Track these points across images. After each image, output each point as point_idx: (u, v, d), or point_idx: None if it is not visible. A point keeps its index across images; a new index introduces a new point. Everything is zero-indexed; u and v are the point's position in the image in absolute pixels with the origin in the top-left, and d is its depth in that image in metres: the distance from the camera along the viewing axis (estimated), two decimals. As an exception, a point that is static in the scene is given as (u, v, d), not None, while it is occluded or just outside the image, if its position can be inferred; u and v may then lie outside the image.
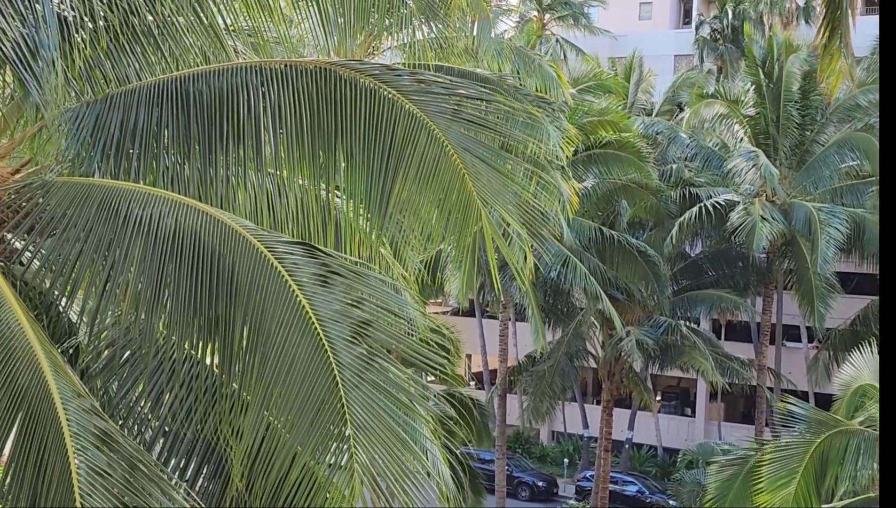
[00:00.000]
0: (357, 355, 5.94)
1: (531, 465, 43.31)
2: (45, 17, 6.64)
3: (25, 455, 5.54)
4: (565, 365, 30.61)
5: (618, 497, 37.89)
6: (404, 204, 7.43)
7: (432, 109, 7.26)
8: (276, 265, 6.22)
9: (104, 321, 6.72)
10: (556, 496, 41.32)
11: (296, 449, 5.96)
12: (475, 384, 48.17)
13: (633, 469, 42.63)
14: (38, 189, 7.02)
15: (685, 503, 30.90)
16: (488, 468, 33.74)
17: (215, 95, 7.41)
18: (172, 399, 6.69)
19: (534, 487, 41.07)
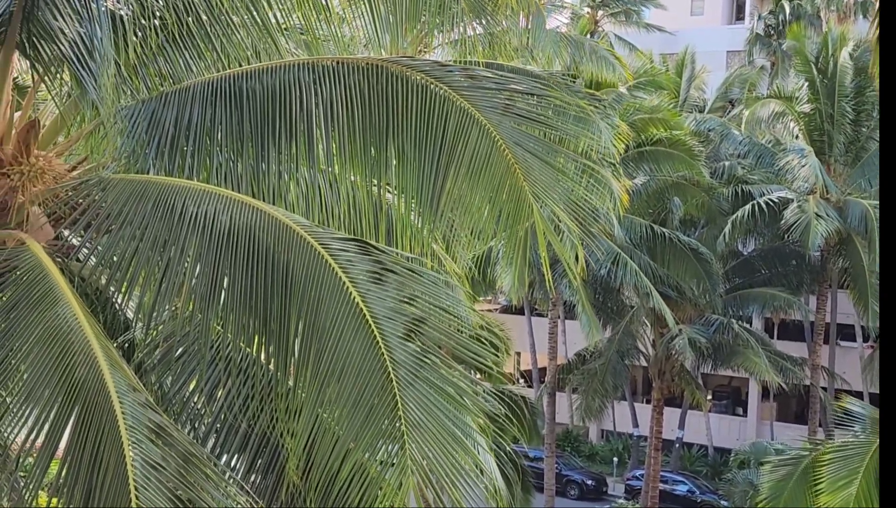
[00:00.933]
0: (410, 352, 5.94)
1: (580, 463, 43.14)
2: (99, 15, 6.72)
3: (81, 447, 5.61)
4: (616, 363, 30.45)
5: (668, 497, 37.60)
6: (456, 200, 7.42)
7: (484, 105, 7.24)
8: (331, 262, 6.23)
9: (160, 317, 6.78)
10: (606, 494, 41.11)
11: (349, 445, 5.97)
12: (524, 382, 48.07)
13: (683, 469, 42.28)
14: (94, 186, 7.10)
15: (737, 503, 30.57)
16: (537, 466, 33.64)
17: (268, 92, 7.45)
18: (226, 395, 6.74)
19: (583, 485, 40.89)
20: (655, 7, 47.47)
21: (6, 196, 7.19)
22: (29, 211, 7.25)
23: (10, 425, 5.95)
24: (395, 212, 7.95)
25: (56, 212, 7.34)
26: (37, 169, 7.27)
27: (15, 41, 7.11)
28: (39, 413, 5.85)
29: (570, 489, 40.71)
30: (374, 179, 7.57)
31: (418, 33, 9.70)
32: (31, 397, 5.90)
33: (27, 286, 6.37)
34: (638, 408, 44.08)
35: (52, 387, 5.86)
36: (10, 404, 6.02)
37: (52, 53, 7.16)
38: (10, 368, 6.08)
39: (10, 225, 7.22)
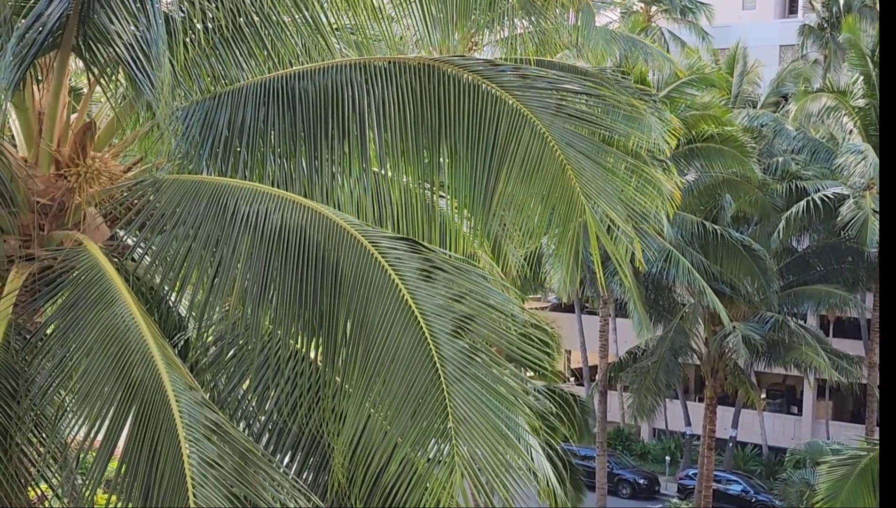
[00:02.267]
0: (459, 348, 5.94)
1: (632, 462, 42.87)
2: (154, 17, 6.80)
3: (139, 446, 5.68)
4: (669, 361, 30.19)
5: (721, 497, 37.23)
6: (508, 200, 7.41)
7: (536, 105, 7.23)
8: (381, 260, 6.26)
9: (212, 317, 6.85)
10: (658, 494, 40.82)
11: (396, 441, 5.99)
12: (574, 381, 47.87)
13: (736, 468, 41.84)
14: (149, 187, 7.19)
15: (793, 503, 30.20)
16: (589, 465, 33.49)
17: (320, 92, 7.49)
18: (278, 393, 6.79)
19: (635, 484, 40.64)
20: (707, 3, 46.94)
21: (63, 197, 7.31)
22: (85, 212, 7.37)
23: (70, 423, 6.05)
24: (446, 212, 7.97)
25: (111, 212, 7.45)
26: (93, 170, 7.37)
27: (71, 44, 7.21)
28: (98, 412, 5.94)
29: (622, 488, 40.48)
30: (426, 179, 7.59)
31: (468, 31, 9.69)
32: (90, 396, 5.99)
33: (85, 286, 6.47)
34: (690, 406, 43.69)
35: (111, 386, 5.95)
36: (69, 403, 6.12)
37: (107, 56, 7.26)
38: (69, 367, 6.18)
39: (67, 226, 7.34)
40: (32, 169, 7.40)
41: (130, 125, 8.27)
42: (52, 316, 6.61)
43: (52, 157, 7.46)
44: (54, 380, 6.23)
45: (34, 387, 6.34)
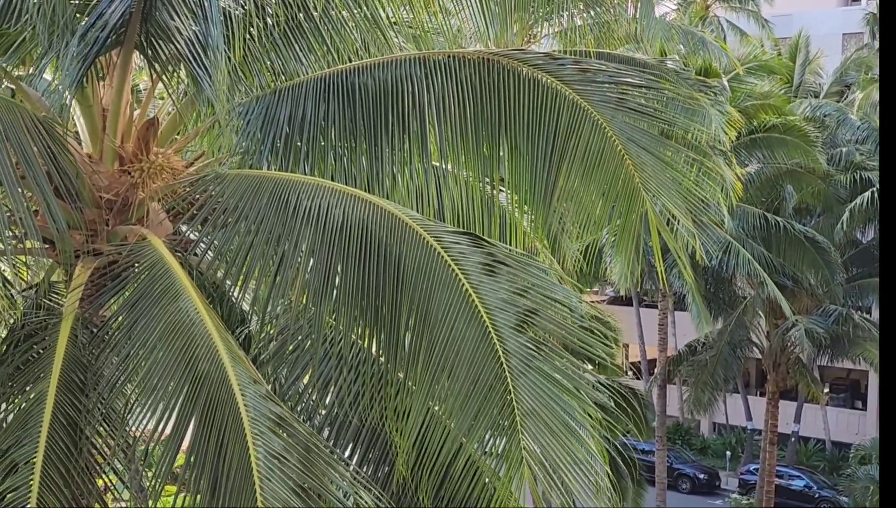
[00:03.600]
0: (523, 342, 5.91)
1: (692, 457, 42.47)
2: (213, 13, 6.85)
3: (206, 439, 5.74)
4: (728, 355, 29.84)
5: (784, 492, 36.75)
6: (568, 194, 7.37)
7: (596, 98, 7.17)
8: (443, 254, 6.25)
9: (274, 311, 6.90)
10: (719, 489, 40.41)
11: (462, 436, 5.98)
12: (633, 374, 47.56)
13: (799, 464, 41.27)
14: (211, 182, 7.25)
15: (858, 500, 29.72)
16: (648, 459, 33.26)
17: (380, 87, 7.50)
18: (339, 387, 6.81)
19: (695, 479, 40.27)
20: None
21: (127, 193, 7.40)
22: (149, 207, 7.46)
23: (138, 417, 6.13)
24: (506, 206, 7.94)
25: (174, 207, 7.53)
26: (156, 166, 7.46)
27: (134, 41, 7.30)
28: (166, 406, 6.01)
29: (682, 482, 40.12)
30: (486, 173, 7.57)
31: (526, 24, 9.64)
32: (157, 389, 6.06)
33: (150, 281, 6.55)
34: (751, 401, 43.17)
35: (177, 380, 6.01)
36: (137, 396, 6.20)
37: (169, 52, 7.33)
38: (136, 361, 6.26)
39: (131, 221, 7.44)
40: (97, 165, 7.51)
41: (192, 121, 8.35)
42: (118, 310, 6.69)
43: (116, 153, 7.56)
44: (122, 374, 6.32)
45: (102, 381, 6.44)
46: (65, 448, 6.14)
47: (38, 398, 6.31)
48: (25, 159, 6.62)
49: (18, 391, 6.86)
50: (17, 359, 6.88)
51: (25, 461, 5.92)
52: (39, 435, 6.02)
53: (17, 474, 5.89)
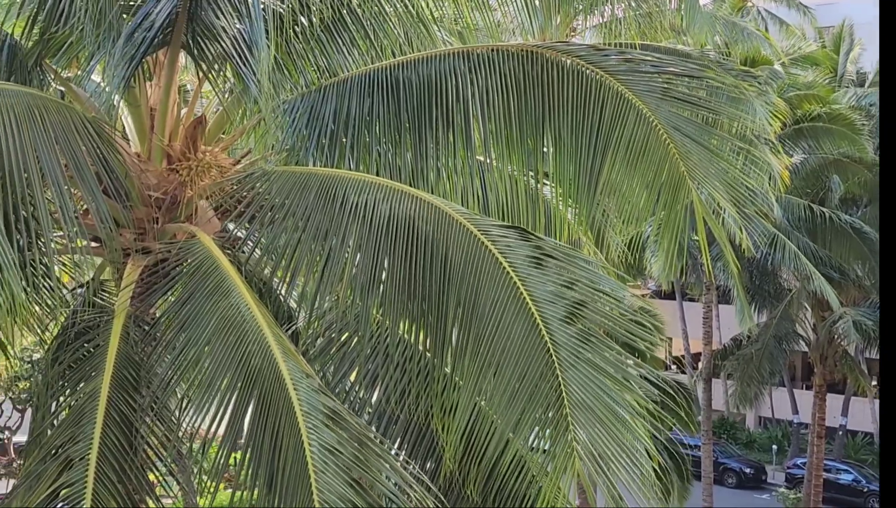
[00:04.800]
0: (572, 334, 5.90)
1: (738, 451, 42.13)
2: (255, 11, 6.90)
3: (261, 434, 5.78)
4: (773, 348, 29.52)
5: (832, 486, 36.33)
6: (612, 186, 7.34)
7: (641, 89, 7.13)
8: (490, 248, 6.25)
9: (321, 307, 6.93)
10: (765, 483, 40.06)
11: (510, 429, 5.98)
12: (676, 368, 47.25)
13: (847, 457, 40.79)
14: (258, 179, 7.30)
15: (907, 493, 29.27)
16: (694, 453, 33.02)
17: (424, 82, 7.52)
18: (387, 382, 6.83)
19: (741, 474, 39.95)
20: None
21: (175, 191, 7.47)
22: (197, 205, 7.52)
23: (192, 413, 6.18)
24: (550, 199, 7.93)
25: (222, 205, 7.59)
26: (204, 164, 7.52)
27: (180, 41, 7.36)
28: (220, 402, 6.06)
29: (728, 477, 39.81)
30: (530, 166, 7.56)
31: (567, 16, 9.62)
32: (211, 385, 6.12)
33: (201, 278, 6.60)
34: (798, 394, 42.72)
35: (230, 376, 6.06)
36: (191, 393, 6.26)
37: (214, 51, 7.40)
38: (189, 357, 6.32)
39: (179, 219, 7.51)
40: (145, 164, 7.59)
41: (238, 119, 8.41)
42: (170, 307, 6.76)
43: (164, 152, 7.64)
44: (175, 371, 6.38)
45: (155, 378, 6.50)
46: (118, 445, 6.21)
47: (91, 395, 6.38)
48: (75, 160, 6.70)
49: (71, 388, 6.95)
50: (69, 357, 6.97)
51: (80, 457, 5.99)
52: (93, 432, 6.09)
53: (72, 470, 5.97)
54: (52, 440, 6.32)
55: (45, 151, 6.48)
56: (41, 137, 6.50)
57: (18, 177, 6.17)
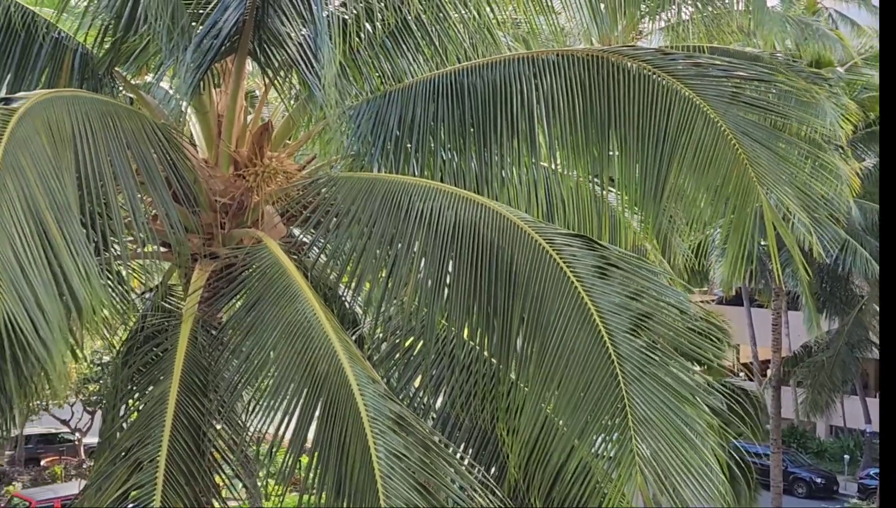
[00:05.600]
0: (637, 347, 5.83)
1: (808, 461, 41.35)
2: (320, 18, 6.94)
3: (328, 438, 5.80)
4: (846, 356, 28.96)
5: (905, 497, 35.47)
6: (678, 191, 7.25)
7: (709, 93, 7.03)
8: (555, 257, 6.21)
9: (387, 312, 6.94)
10: (836, 494, 39.25)
11: (573, 440, 5.93)
12: (744, 376, 46.55)
13: (921, 467, 39.81)
14: (323, 185, 7.34)
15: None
16: (763, 462, 32.50)
17: (488, 87, 7.50)
18: (451, 388, 6.82)
19: (811, 483, 39.19)
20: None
21: (242, 196, 7.54)
22: (263, 210, 7.59)
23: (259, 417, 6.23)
24: (615, 205, 7.86)
25: (288, 210, 7.64)
26: (270, 170, 7.59)
27: (247, 48, 7.44)
28: (286, 407, 6.10)
29: (798, 487, 39.10)
30: (596, 172, 7.50)
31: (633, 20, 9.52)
32: (277, 391, 6.16)
33: (268, 283, 6.65)
34: (870, 403, 41.83)
35: (297, 381, 6.09)
36: (257, 398, 6.31)
37: (280, 58, 7.46)
38: (256, 362, 6.37)
39: (246, 224, 7.58)
40: (213, 170, 7.67)
41: (304, 125, 8.47)
42: (237, 312, 6.82)
43: (231, 158, 7.72)
44: (242, 375, 6.43)
45: (222, 382, 6.57)
46: (186, 448, 6.28)
47: (160, 398, 6.47)
48: (145, 165, 6.80)
49: (140, 391, 7.05)
50: (138, 361, 7.07)
51: (149, 459, 6.07)
52: (162, 435, 6.17)
53: (142, 472, 6.05)
54: (121, 442, 6.41)
55: (118, 157, 6.59)
56: (114, 143, 6.61)
57: (94, 182, 6.27)
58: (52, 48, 8.01)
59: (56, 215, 5.48)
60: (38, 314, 4.89)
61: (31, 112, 5.93)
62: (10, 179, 5.29)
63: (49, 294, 5.03)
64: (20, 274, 4.92)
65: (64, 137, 6.13)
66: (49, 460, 29.98)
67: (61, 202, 5.60)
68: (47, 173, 5.66)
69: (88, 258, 5.48)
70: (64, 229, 5.48)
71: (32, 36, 8.00)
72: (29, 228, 5.20)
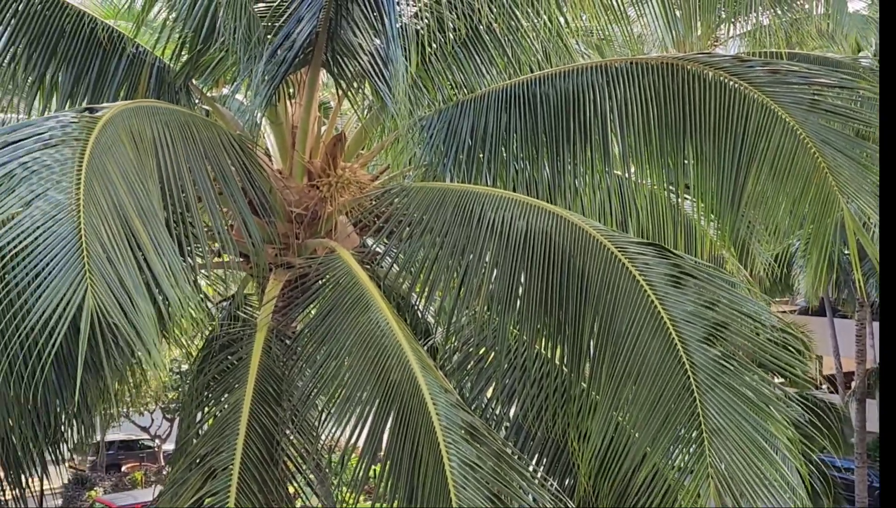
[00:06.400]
0: (711, 357, 5.73)
1: (893, 475, 40.31)
2: (393, 30, 6.97)
3: (400, 448, 5.81)
4: (932, 368, 28.13)
5: None
6: (756, 200, 7.11)
7: (787, 101, 6.89)
8: (628, 266, 6.14)
9: (459, 321, 6.93)
10: (923, 509, 38.19)
11: (645, 450, 5.84)
12: (828, 388, 45.56)
13: None
14: (396, 195, 7.37)
15: None
16: (847, 477, 31.75)
17: (561, 96, 7.45)
18: (524, 397, 6.79)
19: (896, 499, 38.20)
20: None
21: (316, 207, 7.61)
22: (336, 220, 7.64)
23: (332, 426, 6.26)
24: (691, 214, 7.75)
25: (361, 220, 7.69)
26: (343, 180, 7.64)
27: (321, 60, 7.51)
28: (359, 416, 6.12)
29: (882, 501, 38.12)
30: (670, 181, 7.40)
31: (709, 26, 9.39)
32: (350, 400, 6.19)
33: (341, 292, 6.69)
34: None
35: (370, 390, 6.11)
36: (330, 407, 6.34)
37: (353, 69, 7.52)
38: (329, 371, 6.41)
39: (319, 234, 7.64)
40: (287, 180, 7.75)
41: (377, 135, 8.52)
42: (310, 322, 6.87)
43: (305, 168, 7.79)
44: (315, 384, 6.47)
45: (296, 391, 6.62)
46: (260, 457, 6.33)
47: (234, 407, 6.54)
48: (223, 175, 6.90)
49: (215, 399, 7.13)
50: (214, 369, 7.16)
51: (223, 467, 6.13)
52: (236, 443, 6.23)
53: (216, 479, 6.11)
54: (196, 449, 6.49)
55: (197, 166, 6.69)
56: (193, 153, 6.71)
57: (176, 190, 6.37)
58: (130, 63, 8.17)
59: (143, 218, 5.53)
60: (128, 302, 4.91)
61: (113, 121, 6.05)
62: (96, 183, 5.37)
63: (139, 291, 5.04)
64: (110, 268, 4.95)
65: (146, 146, 6.23)
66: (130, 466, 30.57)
67: (147, 207, 5.67)
68: (132, 179, 5.74)
69: (176, 262, 5.53)
70: (151, 232, 5.52)
71: (110, 51, 8.17)
72: (117, 228, 5.23)
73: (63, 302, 4.63)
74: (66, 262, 4.78)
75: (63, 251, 4.83)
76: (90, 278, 4.73)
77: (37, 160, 5.38)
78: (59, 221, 4.98)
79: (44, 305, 4.62)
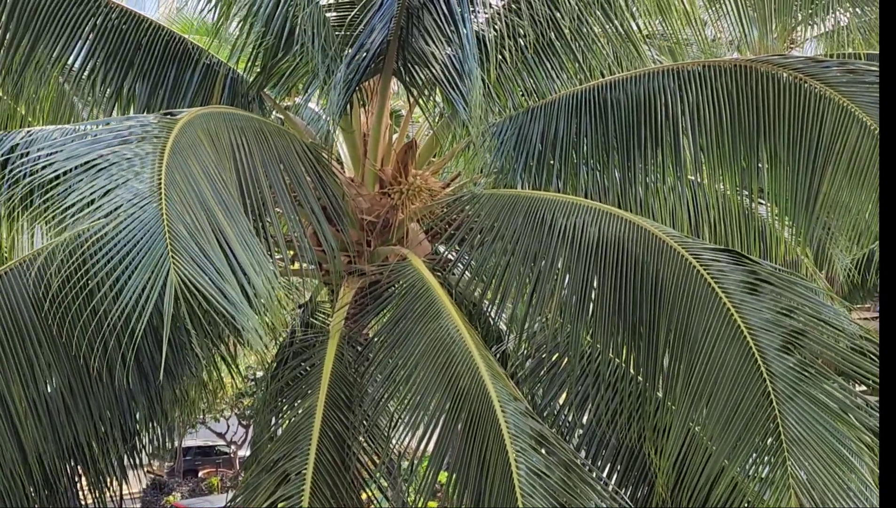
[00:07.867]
0: (790, 365, 5.62)
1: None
2: (467, 37, 6.98)
3: (469, 455, 5.80)
4: None
5: None
6: (833, 202, 6.97)
7: (865, 101, 6.74)
8: (702, 273, 6.05)
9: (531, 328, 6.91)
10: None
11: (723, 461, 5.75)
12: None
13: None
14: (467, 202, 7.37)
15: None
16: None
17: (632, 101, 7.39)
18: (597, 405, 6.74)
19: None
20: None
21: (387, 214, 7.65)
22: (408, 228, 7.67)
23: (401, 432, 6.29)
24: (765, 218, 7.62)
25: (432, 228, 7.71)
26: (414, 187, 7.67)
27: (392, 68, 7.56)
28: (428, 422, 6.14)
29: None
30: (744, 184, 7.29)
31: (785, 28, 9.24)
32: (419, 406, 6.20)
33: (412, 300, 6.72)
34: None
35: (439, 397, 6.12)
36: (400, 413, 6.37)
37: (424, 77, 7.55)
38: (399, 377, 6.43)
39: (391, 241, 7.68)
40: (359, 188, 7.81)
41: (448, 142, 8.53)
42: (382, 328, 6.91)
43: (377, 176, 7.84)
44: (386, 390, 6.50)
45: (367, 397, 6.65)
46: (332, 462, 6.38)
47: (307, 413, 6.59)
48: (297, 182, 6.97)
49: (289, 405, 7.20)
50: (287, 375, 7.23)
51: (296, 472, 6.19)
52: (309, 449, 6.28)
53: (289, 484, 6.17)
54: (269, 454, 6.55)
55: (273, 171, 6.76)
56: (268, 158, 6.79)
57: (254, 193, 6.44)
58: (203, 75, 8.30)
59: (225, 212, 5.56)
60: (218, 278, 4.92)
61: (192, 123, 6.14)
62: (178, 175, 5.44)
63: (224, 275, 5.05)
64: (195, 247, 4.98)
65: (224, 148, 6.31)
66: (206, 472, 30.99)
67: (230, 203, 5.72)
68: (213, 175, 5.81)
69: (260, 253, 5.55)
70: (235, 224, 5.55)
71: (185, 63, 8.32)
72: (200, 218, 5.27)
73: (149, 284, 4.66)
74: (150, 243, 4.82)
75: (147, 235, 4.87)
76: (173, 256, 4.77)
77: (117, 154, 5.47)
78: (142, 207, 5.04)
79: (131, 288, 4.67)
